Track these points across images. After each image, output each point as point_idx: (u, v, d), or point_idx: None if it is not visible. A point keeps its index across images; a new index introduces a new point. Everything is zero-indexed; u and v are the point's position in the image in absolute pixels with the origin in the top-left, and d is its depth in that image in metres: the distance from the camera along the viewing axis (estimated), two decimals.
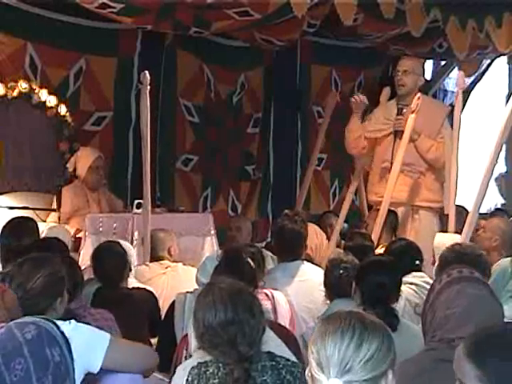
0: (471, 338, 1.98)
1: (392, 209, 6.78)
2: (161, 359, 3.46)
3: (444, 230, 7.07)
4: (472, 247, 4.57)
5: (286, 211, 5.42)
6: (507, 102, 6.04)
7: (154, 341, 4.77)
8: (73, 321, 2.95)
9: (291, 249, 5.04)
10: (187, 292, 4.45)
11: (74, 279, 3.67)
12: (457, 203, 6.69)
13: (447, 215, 7.02)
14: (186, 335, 3.44)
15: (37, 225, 5.16)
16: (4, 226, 4.99)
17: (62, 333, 1.86)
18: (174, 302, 4.45)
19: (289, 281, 4.87)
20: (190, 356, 3.26)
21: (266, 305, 4.16)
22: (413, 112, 6.73)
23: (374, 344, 1.96)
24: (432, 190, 7.11)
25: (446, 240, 5.86)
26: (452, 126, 6.57)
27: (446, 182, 6.93)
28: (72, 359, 1.83)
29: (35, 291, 3.09)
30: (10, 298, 2.80)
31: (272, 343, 2.95)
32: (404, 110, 7.00)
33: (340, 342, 1.93)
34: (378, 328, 2.01)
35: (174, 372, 3.09)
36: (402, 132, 6.83)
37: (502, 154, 6.48)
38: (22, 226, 4.99)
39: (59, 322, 2.96)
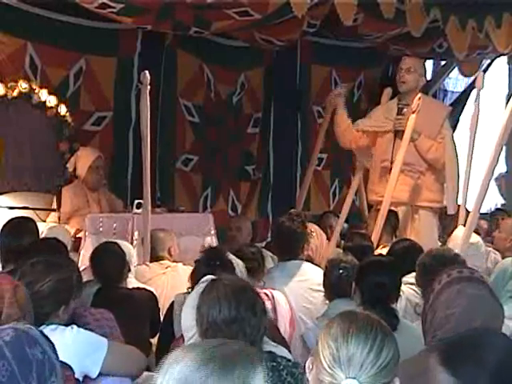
0: (443, 346, 1.98)
1: (392, 209, 6.78)
2: (160, 359, 3.44)
3: (444, 230, 7.10)
4: (447, 249, 4.57)
5: (292, 211, 5.42)
6: (507, 102, 6.05)
7: (154, 341, 4.78)
8: (74, 326, 2.96)
9: (288, 248, 5.04)
10: (186, 292, 4.45)
11: None
12: (458, 203, 6.72)
13: (447, 215, 7.05)
14: (181, 336, 3.44)
15: (36, 225, 5.15)
16: (3, 226, 4.98)
17: (41, 332, 1.86)
18: (173, 303, 4.46)
19: (287, 281, 4.87)
20: None
21: (266, 304, 4.16)
22: (413, 112, 6.73)
23: (392, 351, 1.95)
24: (432, 190, 7.11)
25: (460, 234, 5.94)
26: (453, 126, 6.60)
27: (446, 182, 6.94)
28: (57, 356, 1.83)
29: (43, 293, 3.08)
30: (22, 293, 2.80)
31: (267, 345, 2.94)
32: (404, 110, 7.00)
33: (363, 345, 1.92)
34: (392, 335, 2.00)
35: None
36: (402, 132, 6.83)
37: (502, 153, 6.49)
38: (21, 227, 4.98)
39: (60, 328, 2.96)
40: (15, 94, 7.01)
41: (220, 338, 2.73)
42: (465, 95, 10.20)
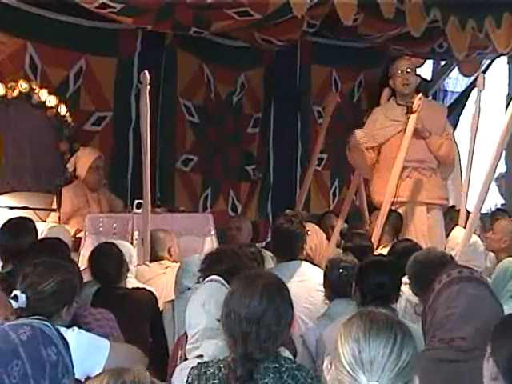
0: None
1: (394, 209, 6.78)
2: (153, 365, 3.45)
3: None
4: (432, 252, 4.54)
5: (287, 211, 5.42)
6: (507, 102, 6.06)
7: None
8: (76, 328, 2.96)
9: (287, 249, 5.04)
10: (173, 300, 4.49)
11: None
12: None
13: (447, 215, 7.07)
14: (184, 334, 3.44)
15: (35, 225, 5.14)
16: (2, 227, 4.98)
17: (58, 330, 1.86)
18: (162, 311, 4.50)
19: (286, 281, 4.81)
20: (186, 358, 3.25)
21: None
22: (414, 112, 6.74)
23: (411, 350, 1.94)
24: (441, 188, 7.17)
25: (460, 235, 5.95)
26: (453, 126, 6.62)
27: (455, 178, 7.00)
28: (70, 356, 1.84)
29: (45, 294, 3.08)
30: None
31: None
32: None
33: (385, 346, 1.91)
34: (411, 333, 1.99)
35: (173, 372, 3.10)
36: (414, 130, 6.85)
37: (502, 153, 6.50)
38: (19, 227, 4.97)
39: (62, 329, 2.96)
40: (15, 94, 7.01)
41: (235, 329, 2.71)
42: (465, 95, 10.21)
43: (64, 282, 3.15)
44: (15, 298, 3.00)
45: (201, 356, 2.99)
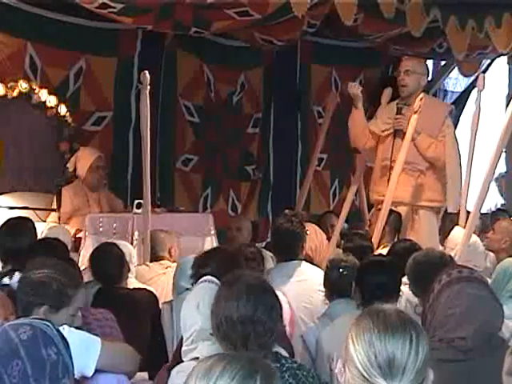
0: None
1: (395, 210, 6.77)
2: (151, 366, 3.45)
3: (444, 229, 7.10)
4: (431, 252, 4.54)
5: (286, 211, 5.42)
6: (507, 102, 6.06)
7: None
8: (66, 326, 2.95)
9: (287, 249, 5.04)
10: (171, 301, 4.49)
11: None
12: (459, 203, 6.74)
13: (447, 216, 7.06)
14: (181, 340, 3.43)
15: (34, 225, 5.14)
16: (1, 227, 4.98)
17: (58, 330, 1.86)
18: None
19: (286, 281, 4.86)
20: (182, 361, 3.25)
21: None
22: (415, 113, 6.68)
23: (426, 346, 1.87)
24: (433, 190, 7.08)
25: (460, 235, 5.96)
26: (455, 124, 6.60)
27: (447, 179, 6.94)
28: (70, 356, 1.83)
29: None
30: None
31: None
32: (403, 110, 6.96)
33: (401, 347, 1.83)
34: (422, 328, 1.93)
35: (169, 374, 3.09)
36: (401, 131, 6.82)
37: (503, 154, 6.50)
38: (18, 227, 4.97)
39: None
40: (15, 94, 7.02)
41: (231, 335, 2.71)
42: (465, 95, 10.21)
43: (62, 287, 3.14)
44: None
45: (197, 358, 2.98)
